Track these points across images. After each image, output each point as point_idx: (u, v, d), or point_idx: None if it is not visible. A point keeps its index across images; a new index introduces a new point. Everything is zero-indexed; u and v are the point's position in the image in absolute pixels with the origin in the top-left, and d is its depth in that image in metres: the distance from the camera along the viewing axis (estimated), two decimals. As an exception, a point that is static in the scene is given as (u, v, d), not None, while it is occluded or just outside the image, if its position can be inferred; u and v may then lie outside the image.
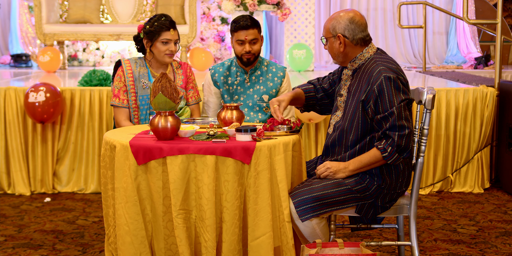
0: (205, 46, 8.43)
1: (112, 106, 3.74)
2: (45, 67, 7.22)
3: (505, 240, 3.97)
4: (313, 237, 2.98)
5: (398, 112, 2.91)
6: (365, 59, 3.08)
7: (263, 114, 3.86)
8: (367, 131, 3.02)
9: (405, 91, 2.98)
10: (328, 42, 3.11)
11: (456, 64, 8.97)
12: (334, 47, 3.08)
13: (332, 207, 2.97)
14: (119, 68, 3.76)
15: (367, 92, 2.97)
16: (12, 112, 5.12)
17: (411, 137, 2.95)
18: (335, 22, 3.05)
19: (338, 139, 3.11)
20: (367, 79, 2.99)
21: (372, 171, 3.02)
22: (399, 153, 2.93)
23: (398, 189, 3.08)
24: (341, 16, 3.05)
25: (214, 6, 8.57)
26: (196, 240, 2.88)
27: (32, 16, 8.73)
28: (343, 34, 3.04)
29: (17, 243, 3.94)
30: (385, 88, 2.92)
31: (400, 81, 2.96)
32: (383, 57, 3.06)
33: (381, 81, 2.93)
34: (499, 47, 5.55)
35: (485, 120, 5.20)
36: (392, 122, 2.90)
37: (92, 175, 5.21)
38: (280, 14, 7.43)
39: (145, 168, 2.85)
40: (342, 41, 3.05)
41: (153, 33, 3.67)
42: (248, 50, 3.72)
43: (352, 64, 3.11)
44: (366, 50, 3.08)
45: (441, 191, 5.24)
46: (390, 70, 2.96)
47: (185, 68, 3.88)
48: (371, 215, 3.07)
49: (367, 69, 3.03)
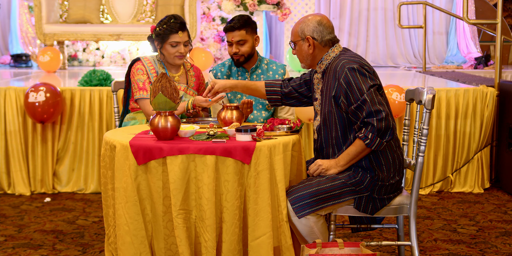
0: (205, 46, 8.43)
1: (139, 99, 3.64)
2: (45, 67, 7.21)
3: (505, 240, 3.98)
4: (311, 236, 2.98)
5: (370, 98, 2.93)
6: (331, 59, 3.11)
7: (266, 112, 3.88)
8: (346, 126, 3.04)
9: (372, 78, 3.00)
10: (296, 45, 3.15)
11: (456, 64, 8.96)
12: (303, 49, 3.13)
13: (329, 202, 2.97)
14: (137, 63, 3.73)
15: (335, 87, 3.01)
16: (12, 112, 5.12)
17: (389, 119, 2.95)
18: (304, 25, 3.10)
19: (324, 141, 3.13)
20: (333, 75, 3.03)
21: (363, 164, 3.03)
22: (380, 137, 2.94)
23: (392, 179, 3.07)
24: (309, 19, 3.11)
25: (214, 6, 8.57)
26: (196, 240, 2.88)
27: (32, 16, 8.73)
28: (312, 36, 3.09)
29: (17, 243, 3.94)
30: (351, 79, 2.96)
31: (364, 69, 2.99)
32: (347, 53, 3.10)
33: (345, 73, 2.97)
34: (499, 47, 5.55)
35: (485, 120, 5.20)
36: (367, 110, 2.92)
37: (92, 175, 5.21)
38: (280, 14, 7.43)
39: (145, 168, 2.85)
40: (312, 43, 3.09)
41: (162, 36, 3.66)
42: (235, 51, 3.75)
43: (320, 66, 3.15)
44: (331, 50, 3.12)
45: (441, 191, 5.24)
46: (353, 62, 3.00)
47: (198, 72, 3.91)
48: (370, 210, 3.06)
49: (332, 67, 3.07)
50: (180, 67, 3.83)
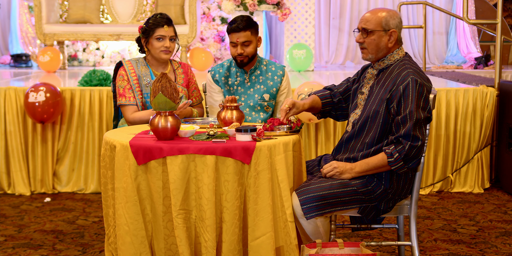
0: (205, 46, 8.43)
1: (120, 106, 3.72)
2: (45, 67, 7.22)
3: (505, 240, 3.97)
4: (316, 235, 2.98)
5: (416, 121, 2.90)
6: (394, 60, 3.08)
7: (265, 113, 3.87)
8: (386, 131, 3.01)
9: (429, 109, 2.97)
10: (373, 35, 3.06)
11: (456, 64, 8.96)
12: (381, 41, 3.06)
13: (336, 207, 2.97)
14: (120, 68, 3.76)
15: (392, 91, 2.97)
16: (12, 112, 5.12)
17: (422, 150, 2.94)
18: (389, 18, 3.05)
19: (356, 135, 3.09)
20: (394, 79, 2.99)
21: (382, 174, 3.01)
22: (404, 162, 2.92)
23: (403, 195, 3.08)
24: (394, 13, 3.07)
25: (214, 6, 8.57)
26: (196, 240, 2.88)
27: (32, 16, 8.73)
28: (396, 31, 3.06)
29: (17, 243, 3.94)
30: (411, 90, 2.92)
31: (426, 90, 2.95)
32: (413, 63, 3.07)
33: (408, 82, 2.94)
34: (499, 47, 5.55)
35: (485, 120, 5.20)
36: (407, 130, 2.90)
37: (92, 175, 5.21)
38: (280, 14, 7.43)
39: (145, 168, 2.85)
40: (394, 37, 3.05)
41: (148, 31, 3.69)
42: (240, 52, 3.72)
43: (379, 64, 3.11)
44: (396, 51, 3.09)
45: (441, 191, 5.24)
46: (419, 76, 2.97)
47: (186, 68, 3.89)
48: (372, 216, 3.08)
49: (395, 70, 3.03)
50: (167, 65, 3.83)
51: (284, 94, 3.90)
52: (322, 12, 9.51)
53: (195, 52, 7.65)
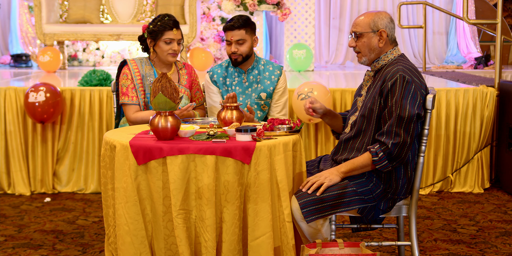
0: (205, 46, 8.43)
1: (122, 104, 3.72)
2: (45, 67, 7.22)
3: (505, 240, 3.97)
4: (316, 237, 2.98)
5: (400, 117, 2.89)
6: (388, 60, 3.09)
7: (262, 112, 3.88)
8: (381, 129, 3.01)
9: (420, 106, 2.95)
10: (363, 37, 3.08)
11: (456, 64, 8.96)
12: (372, 42, 3.07)
13: (338, 208, 2.96)
14: (124, 67, 3.76)
15: (382, 88, 2.98)
16: (12, 112, 5.12)
17: (404, 149, 2.93)
18: (377, 18, 3.06)
19: (354, 135, 3.09)
20: (385, 76, 3.00)
21: (382, 175, 3.02)
22: (389, 161, 2.92)
23: (403, 195, 3.08)
24: (382, 14, 3.08)
25: (214, 6, 8.57)
26: (196, 240, 2.88)
27: (32, 16, 8.73)
28: (385, 30, 3.06)
29: (17, 243, 3.94)
30: (397, 86, 2.92)
31: (414, 86, 2.93)
32: (407, 61, 3.07)
33: (396, 78, 2.94)
34: (499, 47, 5.55)
35: (485, 120, 5.20)
36: (388, 126, 2.91)
37: (92, 175, 5.21)
38: (280, 14, 7.43)
39: (145, 168, 2.85)
40: (384, 37, 3.06)
41: (156, 33, 3.68)
42: (233, 50, 3.75)
43: (375, 65, 3.12)
44: (390, 51, 3.09)
45: (441, 191, 5.24)
46: (409, 72, 2.96)
47: (190, 69, 3.90)
48: (372, 216, 3.08)
49: (388, 69, 3.04)
50: (171, 65, 3.84)
51: (279, 92, 3.92)
52: (322, 12, 9.51)
53: (195, 52, 7.65)
